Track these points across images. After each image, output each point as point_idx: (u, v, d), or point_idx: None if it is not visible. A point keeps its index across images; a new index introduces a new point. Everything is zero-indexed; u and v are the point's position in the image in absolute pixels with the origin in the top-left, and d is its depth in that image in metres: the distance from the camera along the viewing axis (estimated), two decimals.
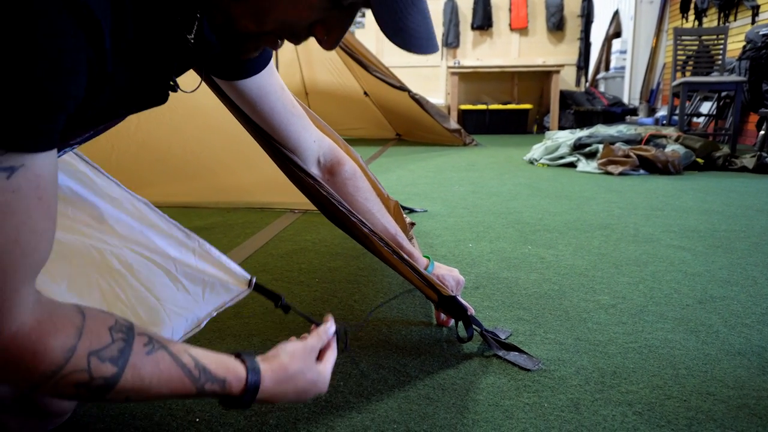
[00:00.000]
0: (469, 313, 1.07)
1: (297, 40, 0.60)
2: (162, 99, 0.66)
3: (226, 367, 0.63)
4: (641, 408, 0.88)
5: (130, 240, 0.85)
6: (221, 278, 0.93)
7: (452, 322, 1.17)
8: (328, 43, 0.60)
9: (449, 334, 1.16)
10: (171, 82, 0.65)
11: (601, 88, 7.44)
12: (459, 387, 0.95)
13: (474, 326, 1.07)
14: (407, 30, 0.56)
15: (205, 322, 0.91)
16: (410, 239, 1.22)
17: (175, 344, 0.61)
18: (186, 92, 0.69)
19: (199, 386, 0.60)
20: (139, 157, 2.19)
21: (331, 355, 0.77)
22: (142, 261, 0.85)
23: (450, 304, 1.07)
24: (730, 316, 1.24)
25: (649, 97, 7.02)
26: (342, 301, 1.34)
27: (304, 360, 0.71)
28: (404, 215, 1.24)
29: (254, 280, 0.95)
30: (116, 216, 0.84)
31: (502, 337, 1.11)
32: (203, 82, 0.75)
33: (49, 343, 0.50)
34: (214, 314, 0.92)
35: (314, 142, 0.99)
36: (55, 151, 0.50)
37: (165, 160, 2.19)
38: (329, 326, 0.79)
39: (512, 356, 1.03)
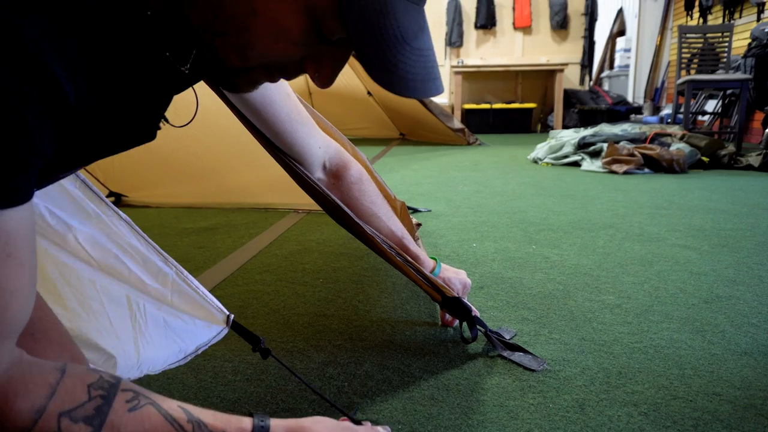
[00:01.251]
0: (473, 314, 1.06)
1: (288, 76, 0.58)
2: (150, 136, 0.63)
3: (227, 420, 0.60)
4: (647, 408, 0.87)
5: (104, 265, 0.81)
6: (192, 321, 0.88)
7: (457, 322, 1.17)
8: (320, 80, 0.57)
9: (453, 335, 1.15)
10: (161, 120, 0.64)
11: (605, 86, 7.42)
12: (464, 388, 0.94)
13: (478, 327, 1.06)
14: (397, 72, 0.52)
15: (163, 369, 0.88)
16: (416, 240, 1.20)
17: (167, 400, 0.57)
18: (176, 126, 0.67)
19: None
20: (142, 159, 2.19)
21: None
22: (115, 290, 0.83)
23: (454, 305, 1.07)
24: (737, 315, 1.23)
25: (654, 95, 6.99)
26: (346, 301, 1.34)
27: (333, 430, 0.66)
28: (410, 216, 1.23)
29: (232, 318, 0.90)
30: (92, 236, 0.81)
31: (507, 337, 1.11)
32: (196, 113, 0.73)
33: (16, 404, 0.48)
34: (182, 363, 0.89)
35: (320, 148, 0.98)
36: (29, 204, 0.48)
37: (169, 162, 2.19)
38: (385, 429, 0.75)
39: (517, 356, 1.03)
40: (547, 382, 0.95)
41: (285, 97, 0.88)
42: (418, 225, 1.16)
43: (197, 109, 0.68)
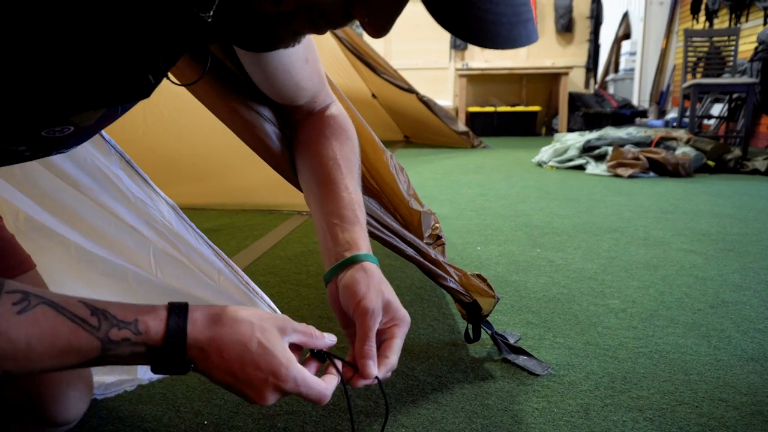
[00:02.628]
0: (483, 315, 1.05)
1: (332, 23, 0.49)
2: (142, 91, 0.55)
3: (137, 309, 0.51)
4: (652, 414, 0.87)
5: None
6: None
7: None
8: (372, 27, 0.48)
9: (457, 338, 1.15)
10: (162, 75, 0.55)
11: (611, 90, 7.40)
12: (468, 391, 0.94)
13: (484, 328, 1.06)
14: (474, 13, 0.41)
15: None
16: (435, 243, 1.16)
17: (66, 297, 0.49)
18: (177, 84, 0.60)
19: (102, 336, 0.48)
20: (147, 161, 2.19)
21: (335, 383, 0.58)
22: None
23: (469, 306, 1.06)
24: (743, 321, 1.22)
25: (659, 99, 6.97)
26: None
27: (267, 329, 0.53)
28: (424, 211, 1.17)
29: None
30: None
31: (511, 341, 1.10)
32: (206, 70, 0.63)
33: None
34: None
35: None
36: None
37: (173, 162, 2.20)
38: (330, 337, 0.61)
39: (521, 360, 1.03)
40: (551, 387, 0.95)
41: (302, 63, 0.74)
42: (438, 237, 1.13)
43: (207, 66, 0.61)
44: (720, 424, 0.84)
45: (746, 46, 5.06)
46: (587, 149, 3.80)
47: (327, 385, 0.56)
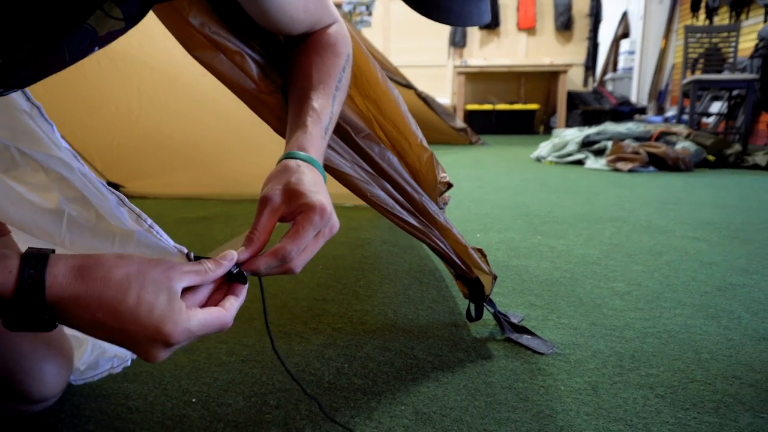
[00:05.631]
0: (485, 294, 1.01)
1: None
2: (75, 15, 0.48)
3: None
4: (663, 391, 0.83)
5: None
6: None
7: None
8: None
9: (458, 319, 1.11)
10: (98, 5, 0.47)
11: (609, 88, 7.38)
12: (470, 370, 0.90)
13: (486, 306, 1.02)
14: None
15: None
16: (442, 204, 1.10)
17: None
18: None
19: None
20: (140, 147, 2.15)
21: (236, 304, 0.52)
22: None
23: (469, 281, 1.01)
24: (752, 302, 1.18)
25: (658, 97, 6.95)
26: (346, 287, 1.30)
27: (148, 279, 0.46)
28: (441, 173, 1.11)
29: (192, 255, 0.80)
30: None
31: (514, 321, 1.06)
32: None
33: None
34: None
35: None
36: None
37: (168, 148, 2.15)
38: (228, 260, 0.52)
39: (525, 340, 0.99)
40: (557, 365, 0.91)
41: None
42: (449, 185, 1.07)
43: None
44: (735, 400, 0.80)
45: (746, 44, 5.04)
46: (586, 144, 3.77)
47: (227, 311, 0.50)
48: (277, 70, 0.78)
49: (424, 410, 0.78)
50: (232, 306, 0.51)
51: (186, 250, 0.62)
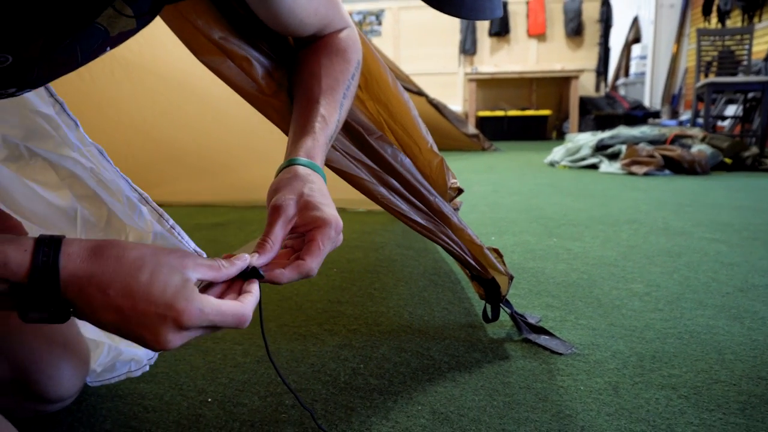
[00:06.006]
0: (502, 295, 1.00)
1: None
2: (87, 10, 0.48)
3: None
4: (687, 392, 0.81)
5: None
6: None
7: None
8: None
9: (474, 320, 1.09)
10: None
11: (622, 93, 7.33)
12: (487, 370, 0.89)
13: (503, 307, 1.01)
14: None
15: None
16: (455, 207, 1.09)
17: None
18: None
19: None
20: (154, 154, 2.17)
21: (252, 300, 0.50)
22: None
23: (485, 281, 1.00)
24: None
25: (672, 101, 6.89)
26: (361, 289, 1.29)
27: (162, 261, 0.45)
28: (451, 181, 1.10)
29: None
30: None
31: (531, 322, 1.05)
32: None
33: None
34: None
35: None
36: None
37: (180, 157, 2.17)
38: (242, 261, 0.51)
39: (543, 340, 0.97)
40: (576, 366, 0.89)
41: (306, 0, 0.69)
42: (459, 191, 1.06)
43: None
44: (762, 401, 0.78)
45: (759, 46, 4.99)
46: (600, 148, 3.74)
47: (244, 304, 0.48)
48: (285, 70, 0.77)
49: (442, 410, 0.77)
50: (248, 302, 0.49)
51: (204, 255, 0.61)
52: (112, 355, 0.87)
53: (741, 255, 1.52)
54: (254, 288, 0.52)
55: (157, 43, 1.59)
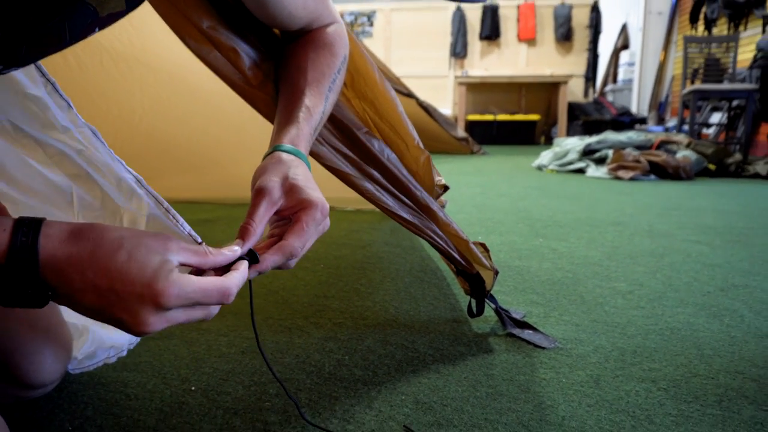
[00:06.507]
0: (486, 290, 1.01)
1: None
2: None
3: None
4: (666, 384, 0.82)
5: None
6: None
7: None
8: None
9: (459, 315, 1.10)
10: None
11: (610, 99, 7.41)
12: (471, 363, 0.89)
13: (488, 302, 1.02)
14: None
15: None
16: (441, 205, 1.10)
17: None
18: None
19: None
20: (143, 148, 2.15)
21: (237, 276, 0.48)
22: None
23: (470, 277, 1.01)
24: (755, 302, 1.18)
25: (658, 108, 6.98)
26: (348, 284, 1.29)
27: (142, 242, 0.44)
28: (437, 177, 1.10)
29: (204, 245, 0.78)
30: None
31: (516, 317, 1.06)
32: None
33: None
34: None
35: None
36: None
37: (170, 151, 2.15)
38: (231, 252, 0.50)
39: (527, 334, 0.98)
40: (559, 359, 0.90)
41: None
42: (445, 188, 1.06)
43: None
44: (738, 394, 0.79)
45: (744, 55, 5.07)
46: (587, 152, 3.78)
47: (227, 278, 0.46)
48: (272, 63, 0.77)
49: (425, 400, 0.77)
50: (233, 276, 0.47)
51: (200, 240, 0.61)
52: (95, 345, 0.87)
53: (723, 257, 1.55)
54: (242, 266, 0.50)
55: (148, 33, 1.59)
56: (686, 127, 4.61)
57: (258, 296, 1.21)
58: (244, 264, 0.50)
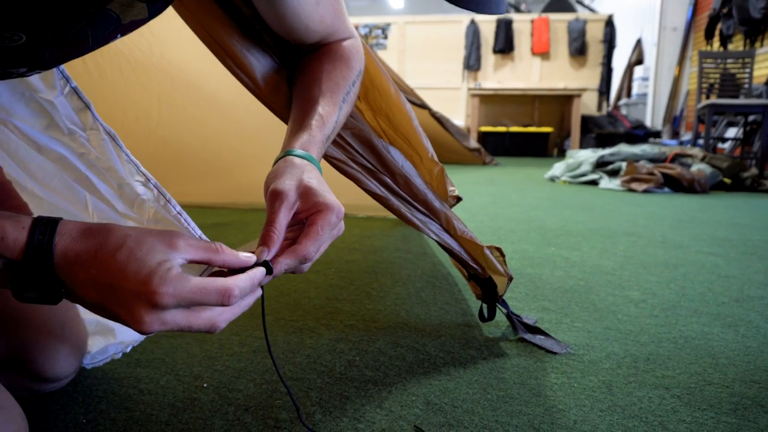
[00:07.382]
0: (498, 295, 1.01)
1: None
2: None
3: None
4: (680, 392, 0.81)
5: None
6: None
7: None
8: None
9: (470, 320, 1.10)
10: None
11: (623, 113, 7.39)
12: (482, 366, 0.89)
13: (499, 307, 1.01)
14: None
15: None
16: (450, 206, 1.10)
17: None
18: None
19: None
20: (159, 153, 2.18)
21: (242, 277, 0.47)
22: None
23: (481, 280, 1.01)
24: None
25: (673, 122, 6.94)
26: (359, 288, 1.30)
27: (145, 240, 0.45)
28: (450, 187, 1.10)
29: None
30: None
31: (528, 322, 1.05)
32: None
33: None
34: None
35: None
36: None
37: (184, 157, 2.18)
38: (246, 258, 0.50)
39: (538, 339, 0.98)
40: (571, 365, 0.90)
41: (313, 7, 0.70)
42: (458, 199, 1.07)
43: None
44: (754, 403, 0.78)
45: (761, 71, 5.04)
46: (601, 164, 3.76)
47: (229, 279, 0.45)
48: (285, 72, 0.78)
49: (436, 401, 0.77)
50: (236, 277, 0.46)
51: (203, 236, 0.61)
52: (109, 339, 0.88)
53: (738, 268, 1.53)
54: (253, 271, 0.49)
55: (167, 42, 1.62)
56: (701, 142, 4.58)
57: (269, 298, 1.21)
58: (258, 270, 0.49)
